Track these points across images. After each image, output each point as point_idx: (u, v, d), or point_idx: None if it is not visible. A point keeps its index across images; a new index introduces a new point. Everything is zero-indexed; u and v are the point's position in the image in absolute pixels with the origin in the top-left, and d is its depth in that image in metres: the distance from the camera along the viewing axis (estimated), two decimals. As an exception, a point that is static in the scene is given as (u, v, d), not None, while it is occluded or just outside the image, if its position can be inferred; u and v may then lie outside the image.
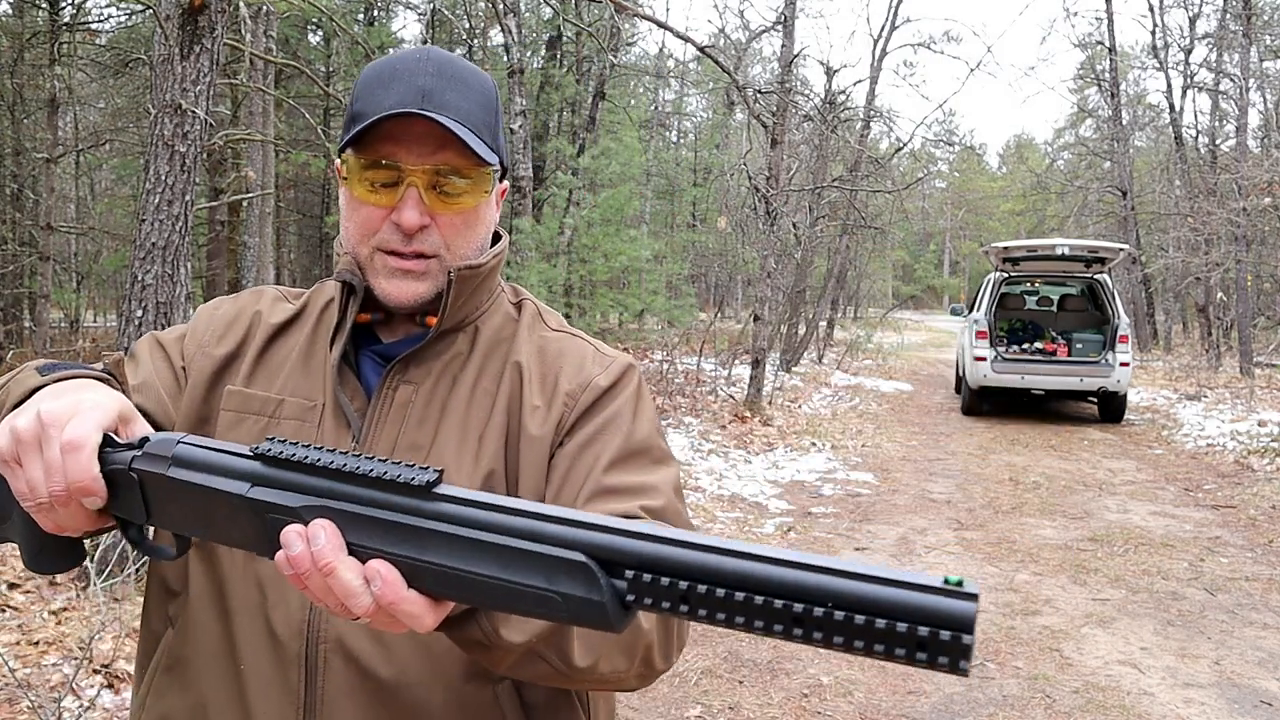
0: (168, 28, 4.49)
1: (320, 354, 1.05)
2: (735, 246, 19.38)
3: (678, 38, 9.46)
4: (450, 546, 0.61)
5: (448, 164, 0.97)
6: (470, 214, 1.01)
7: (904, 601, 0.46)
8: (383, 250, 0.99)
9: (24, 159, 12.04)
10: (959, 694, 3.89)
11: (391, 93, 0.96)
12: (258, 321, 1.10)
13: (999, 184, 52.64)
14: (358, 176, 0.98)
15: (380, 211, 0.98)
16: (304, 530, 0.66)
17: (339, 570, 0.65)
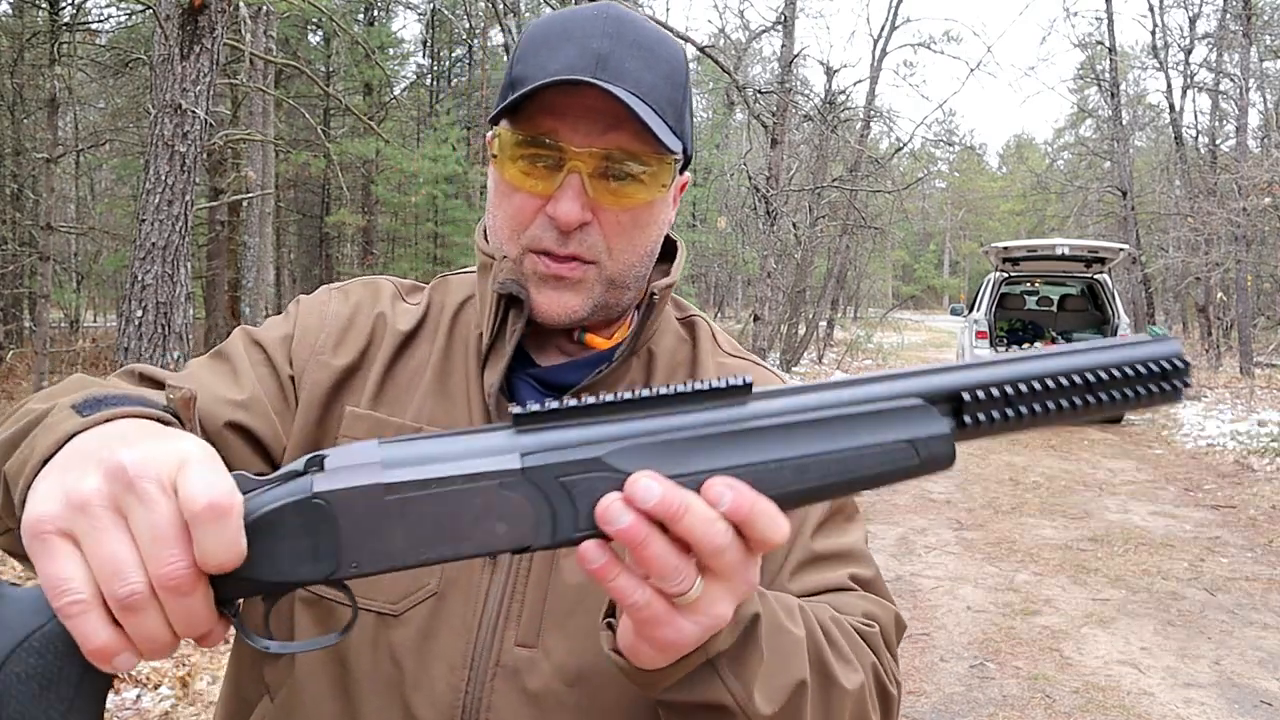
0: (168, 28, 4.50)
1: (459, 374, 0.88)
2: (735, 246, 19.39)
3: (678, 38, 9.46)
4: (787, 437, 0.55)
5: (621, 148, 0.80)
6: (642, 211, 0.84)
7: (1140, 354, 0.59)
8: (533, 250, 0.83)
9: (24, 159, 12.04)
10: (959, 694, 3.89)
11: (559, 55, 0.79)
12: (382, 326, 0.91)
13: (999, 184, 52.67)
14: (510, 154, 0.82)
15: (535, 201, 0.82)
16: (624, 495, 0.52)
17: (692, 507, 0.52)
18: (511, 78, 0.83)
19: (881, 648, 0.81)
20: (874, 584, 0.89)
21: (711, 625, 0.57)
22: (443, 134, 12.37)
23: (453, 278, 0.98)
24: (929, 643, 4.44)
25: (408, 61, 21.20)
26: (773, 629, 0.68)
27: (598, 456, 0.53)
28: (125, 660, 0.50)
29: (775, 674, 0.67)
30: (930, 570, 5.58)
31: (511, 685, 0.78)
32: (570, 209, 0.79)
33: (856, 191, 16.83)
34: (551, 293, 0.83)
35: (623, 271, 0.85)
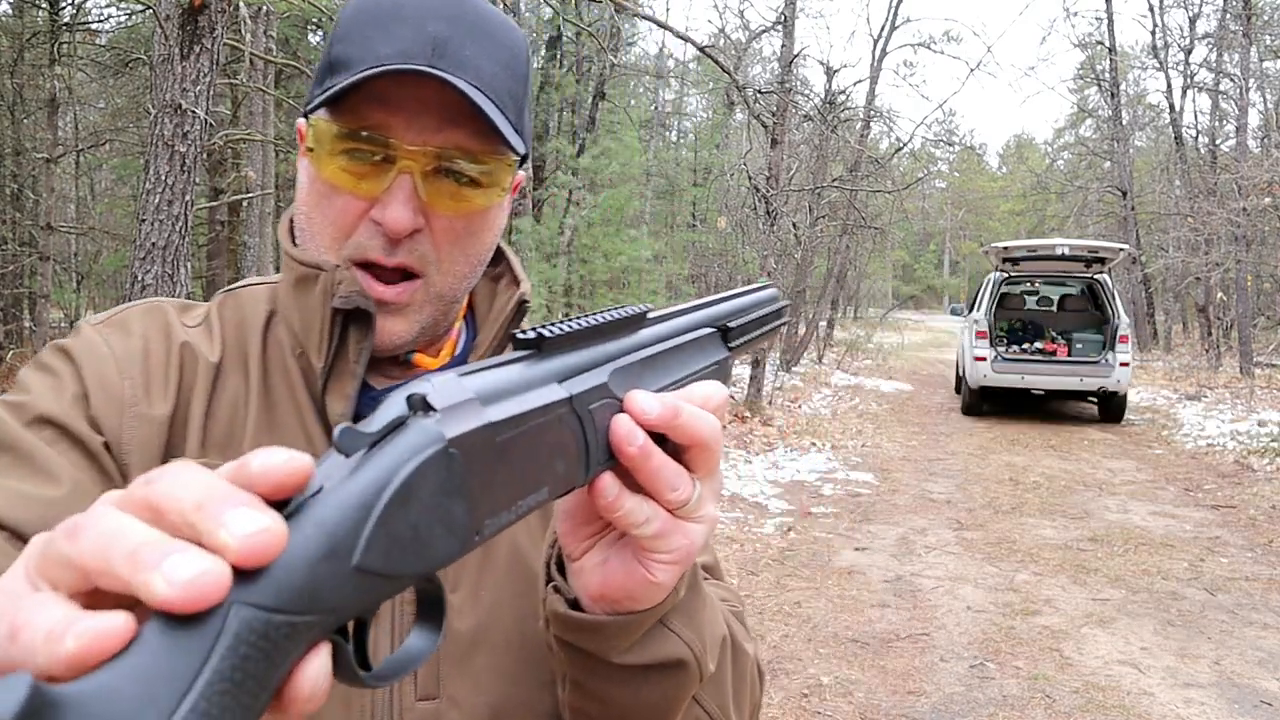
0: (168, 28, 4.50)
1: (286, 405, 0.76)
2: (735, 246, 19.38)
3: (678, 38, 9.47)
4: (681, 357, 0.60)
5: (459, 146, 0.71)
6: (477, 217, 0.75)
7: (766, 294, 0.72)
8: (357, 262, 0.73)
9: (24, 159, 12.04)
10: (959, 694, 3.89)
11: (391, 38, 0.70)
12: (191, 358, 0.76)
13: (999, 184, 52.69)
14: (330, 149, 0.71)
15: (360, 204, 0.72)
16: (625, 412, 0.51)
17: (682, 407, 0.53)
18: (331, 59, 0.72)
19: (748, 627, 0.80)
20: (718, 570, 0.87)
21: (709, 528, 0.57)
22: (443, 134, 12.40)
23: (242, 292, 0.83)
24: (929, 643, 4.44)
25: (408, 61, 21.17)
26: (703, 587, 0.67)
27: (605, 382, 0.51)
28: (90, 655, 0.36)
29: (712, 629, 0.67)
30: (930, 570, 5.58)
31: None
32: (401, 214, 0.70)
33: (856, 191, 16.83)
34: (379, 320, 0.74)
35: (453, 285, 0.76)
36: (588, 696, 0.66)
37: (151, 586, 0.31)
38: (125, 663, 0.30)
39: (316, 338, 0.75)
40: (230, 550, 0.32)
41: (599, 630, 0.60)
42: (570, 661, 0.64)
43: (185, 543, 0.32)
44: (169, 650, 0.31)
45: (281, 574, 0.33)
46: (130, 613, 0.31)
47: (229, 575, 0.32)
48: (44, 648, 0.30)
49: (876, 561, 5.74)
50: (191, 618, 0.31)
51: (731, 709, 0.71)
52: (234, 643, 0.32)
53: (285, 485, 0.35)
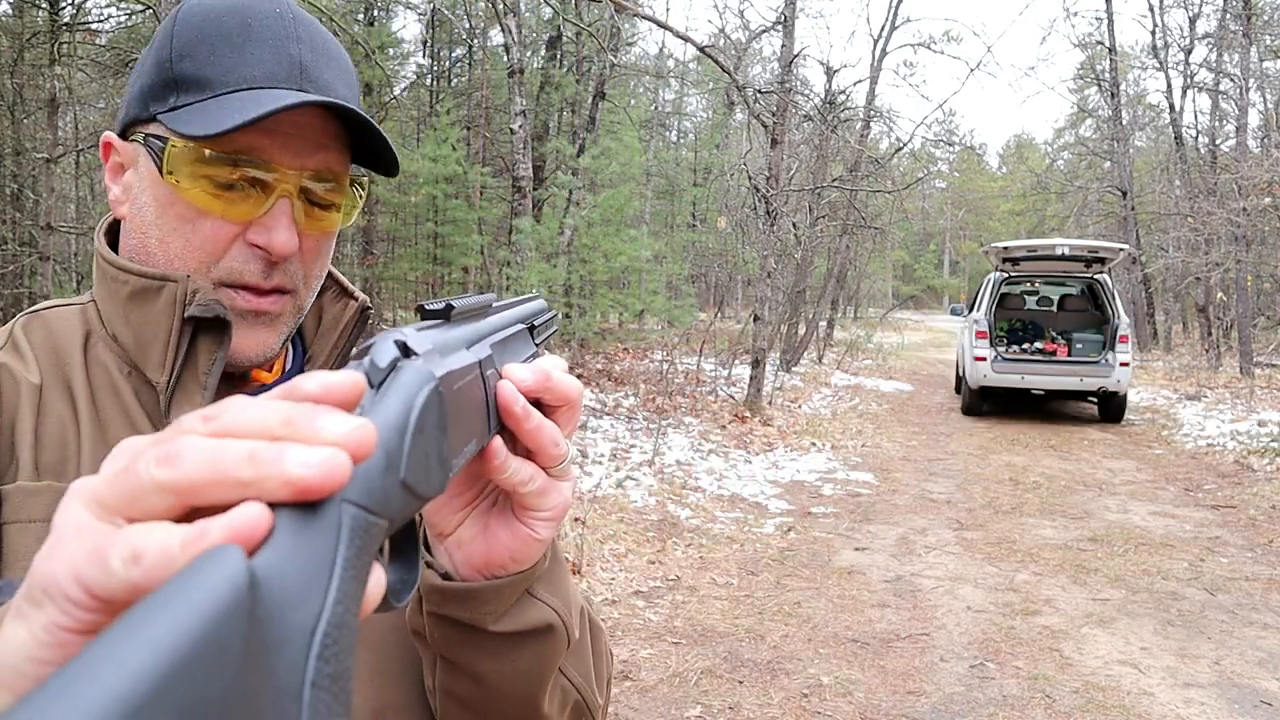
0: (168, 28, 4.50)
1: (118, 424, 0.72)
2: (735, 246, 19.38)
3: (678, 38, 9.47)
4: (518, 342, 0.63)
5: (329, 168, 0.73)
6: (333, 235, 0.78)
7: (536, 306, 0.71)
8: (230, 285, 0.72)
9: (24, 159, 12.04)
10: (959, 694, 3.89)
11: (250, 60, 0.70)
12: (9, 378, 0.72)
13: (999, 184, 52.68)
14: (193, 172, 0.69)
15: (231, 228, 0.71)
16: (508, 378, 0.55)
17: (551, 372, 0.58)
18: (175, 75, 0.71)
19: None
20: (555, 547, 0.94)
21: (572, 486, 0.61)
22: (443, 134, 12.36)
23: (47, 314, 0.80)
24: (929, 643, 4.44)
25: (408, 61, 21.20)
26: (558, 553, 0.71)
27: (491, 354, 0.55)
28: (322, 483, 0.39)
29: (575, 596, 0.70)
30: (930, 570, 5.58)
31: None
32: (288, 238, 0.71)
33: (856, 191, 16.83)
34: (250, 332, 0.73)
35: (308, 299, 0.78)
36: (459, 674, 0.67)
37: (287, 473, 0.31)
38: (272, 551, 0.31)
39: (160, 352, 0.72)
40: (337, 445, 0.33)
41: (475, 596, 0.62)
42: (443, 638, 0.65)
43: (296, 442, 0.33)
44: (307, 539, 0.32)
45: (364, 479, 0.35)
46: None
47: (349, 461, 0.33)
48: (183, 554, 0.30)
49: (876, 561, 5.74)
50: (316, 510, 0.32)
51: (593, 679, 0.75)
52: (350, 535, 0.33)
53: (347, 401, 0.36)
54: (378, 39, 15.65)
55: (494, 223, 15.37)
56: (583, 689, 0.74)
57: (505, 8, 10.99)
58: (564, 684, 0.72)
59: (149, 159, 0.72)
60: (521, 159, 11.16)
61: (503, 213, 14.87)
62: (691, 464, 8.08)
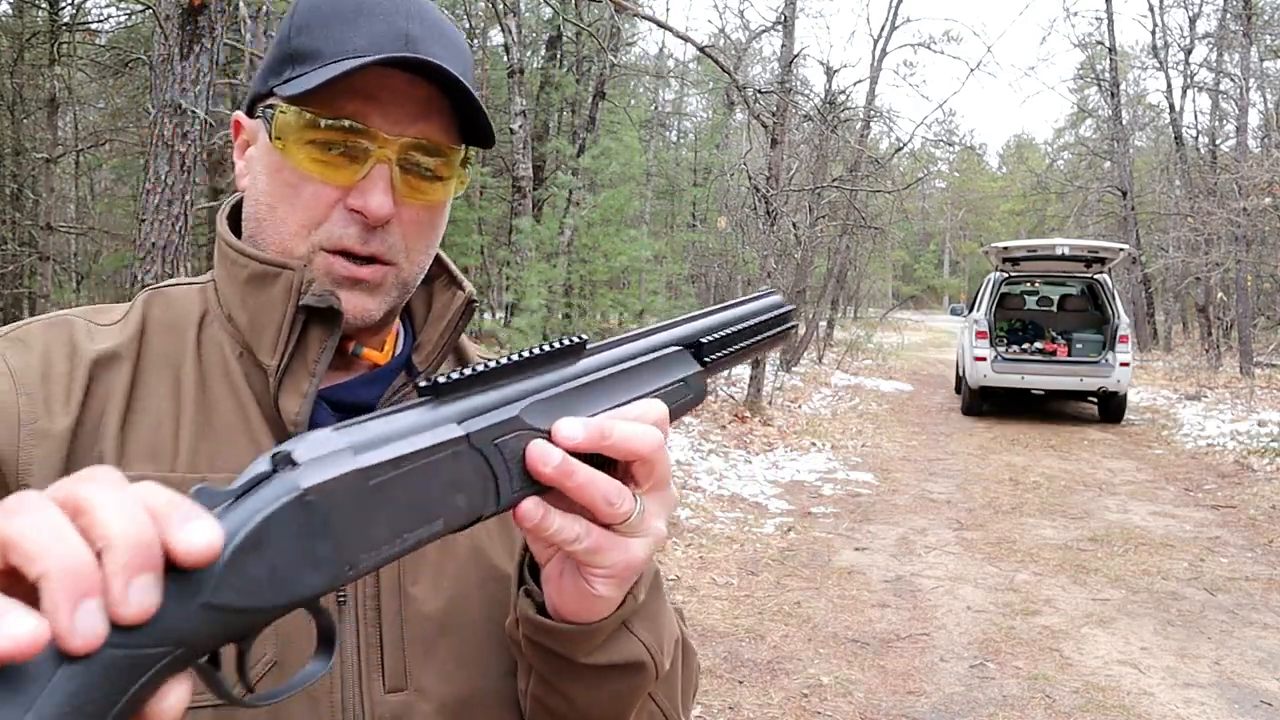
0: (168, 28, 4.50)
1: (227, 405, 0.74)
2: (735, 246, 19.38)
3: (678, 38, 9.47)
4: (626, 382, 0.62)
5: (429, 138, 0.73)
6: (438, 210, 0.78)
7: (766, 303, 0.74)
8: (328, 249, 0.73)
9: (24, 159, 12.04)
10: (959, 694, 3.89)
11: (361, 32, 0.71)
12: (100, 364, 0.73)
13: (999, 184, 52.70)
14: (300, 138, 0.71)
15: (332, 193, 0.72)
16: (547, 440, 0.54)
17: (617, 423, 0.55)
18: (291, 50, 0.73)
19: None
20: None
21: (657, 542, 0.60)
22: (443, 134, 12.38)
23: (171, 290, 0.81)
24: (929, 643, 4.44)
25: (408, 61, 21.16)
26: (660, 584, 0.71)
27: (516, 415, 0.54)
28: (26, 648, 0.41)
29: (669, 629, 0.71)
30: (930, 570, 5.58)
31: None
32: (383, 201, 0.71)
33: (856, 191, 16.83)
34: (351, 295, 0.74)
35: (415, 275, 0.78)
36: (552, 692, 0.70)
37: None
38: None
39: (272, 336, 0.74)
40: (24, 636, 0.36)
41: (563, 636, 0.64)
42: (537, 659, 0.68)
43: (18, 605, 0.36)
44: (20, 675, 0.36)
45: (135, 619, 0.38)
46: None
47: (46, 637, 0.36)
48: None
49: (876, 561, 5.74)
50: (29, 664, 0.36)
51: (680, 704, 0.76)
52: (69, 677, 0.36)
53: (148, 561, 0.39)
54: (378, 39, 15.65)
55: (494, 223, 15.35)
56: (669, 712, 0.75)
57: (505, 8, 10.99)
58: (651, 708, 0.73)
59: (264, 130, 0.74)
60: (521, 159, 11.16)
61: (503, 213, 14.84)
62: (691, 464, 8.08)
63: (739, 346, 0.71)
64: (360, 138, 0.71)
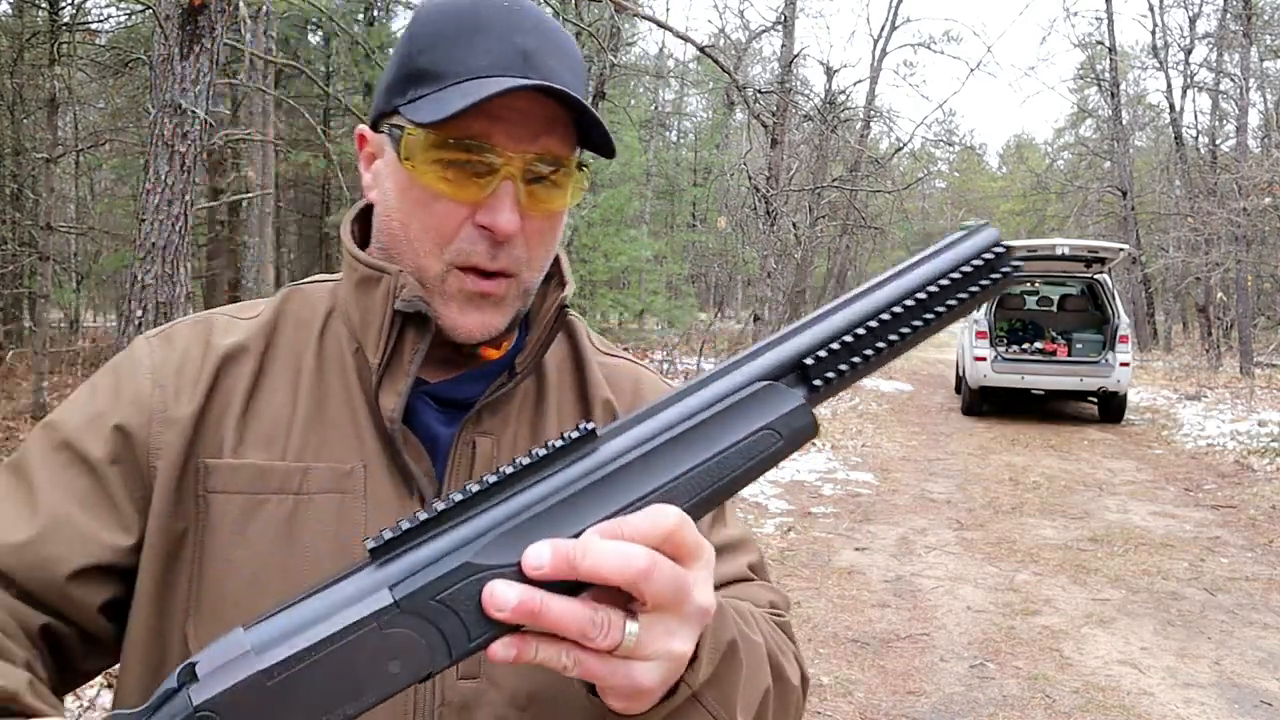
0: (167, 28, 4.50)
1: (338, 399, 0.80)
2: (735, 246, 19.39)
3: (678, 38, 9.46)
4: (648, 468, 0.54)
5: (550, 152, 0.75)
6: (558, 217, 0.80)
7: (960, 255, 0.61)
8: (461, 267, 0.76)
9: (24, 159, 12.03)
10: (959, 694, 3.89)
11: (478, 50, 0.74)
12: (231, 358, 0.81)
13: (999, 184, 52.67)
14: (428, 158, 0.74)
15: (461, 210, 0.75)
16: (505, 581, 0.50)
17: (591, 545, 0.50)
18: (415, 69, 0.76)
19: (793, 635, 0.84)
20: (763, 568, 0.89)
21: (674, 663, 0.55)
22: (443, 134, 12.39)
23: (307, 288, 0.89)
24: (929, 643, 4.44)
25: (408, 61, 21.17)
26: (744, 642, 0.68)
27: (465, 561, 0.51)
28: None
29: (750, 688, 0.68)
30: (930, 570, 5.58)
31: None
32: (511, 219, 0.74)
33: (856, 191, 16.83)
34: (476, 313, 0.77)
35: (535, 281, 0.81)
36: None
37: None
38: None
39: (375, 336, 0.79)
40: None
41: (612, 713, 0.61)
42: None
43: None
44: None
45: None
46: None
47: None
48: None
49: (876, 561, 5.74)
50: None
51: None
52: None
53: None
54: (378, 39, 15.65)
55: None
56: None
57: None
58: None
59: (391, 147, 0.78)
60: (521, 159, 11.17)
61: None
62: (691, 464, 8.08)
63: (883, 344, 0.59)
64: (486, 156, 0.74)
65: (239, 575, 0.75)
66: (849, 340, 0.58)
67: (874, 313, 0.59)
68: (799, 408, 0.57)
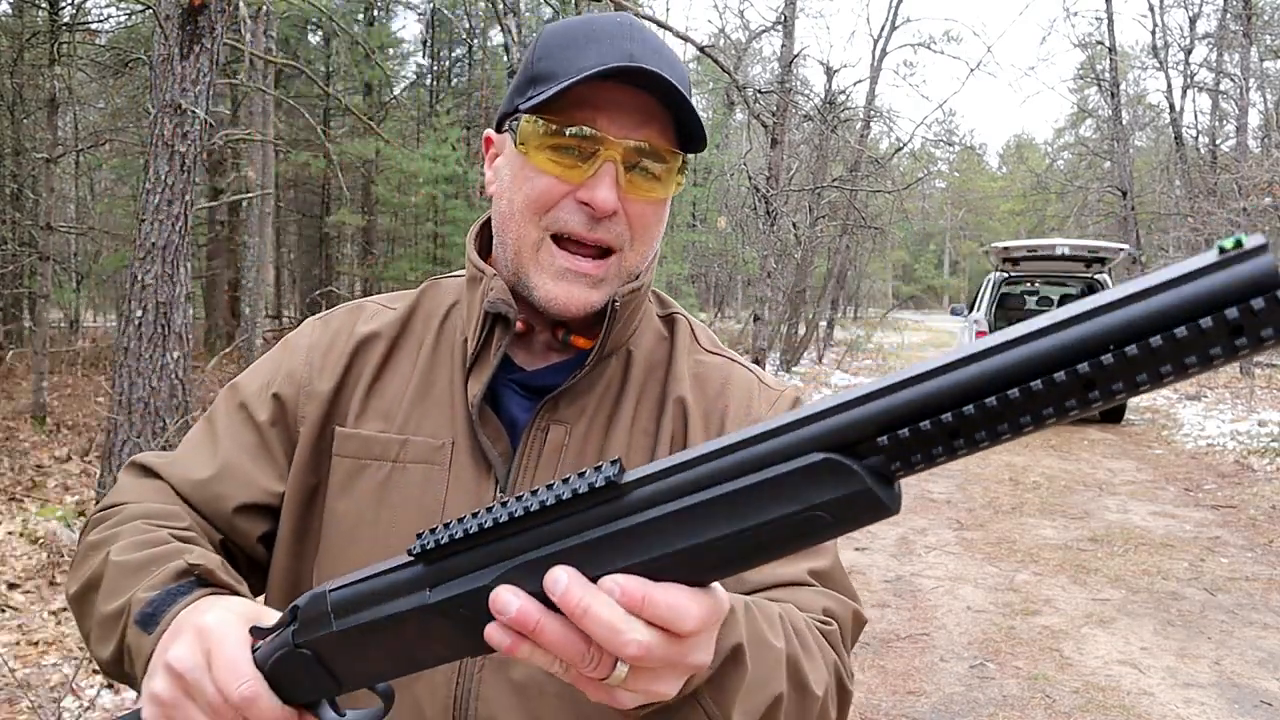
0: (168, 28, 4.50)
1: (444, 381, 0.91)
2: (735, 246, 19.38)
3: (678, 37, 9.46)
4: (678, 526, 0.50)
5: (650, 142, 0.83)
6: (660, 207, 0.87)
7: (1191, 296, 0.38)
8: (557, 235, 0.85)
9: (24, 159, 12.03)
10: (959, 694, 3.89)
11: (589, 54, 0.82)
12: (366, 343, 0.95)
13: (999, 184, 52.68)
14: (540, 143, 0.83)
15: (564, 186, 0.83)
16: (515, 588, 0.53)
17: (594, 605, 0.51)
18: (534, 74, 0.85)
19: (840, 645, 0.83)
20: (830, 576, 0.88)
21: (653, 698, 0.57)
22: (443, 134, 12.37)
23: (444, 281, 1.01)
24: (929, 643, 4.44)
25: (408, 61, 21.21)
26: (756, 646, 0.68)
27: (483, 585, 0.55)
28: None
29: (755, 692, 0.69)
30: (930, 570, 5.58)
31: (498, 676, 0.84)
32: (608, 195, 0.81)
33: (856, 191, 16.83)
34: (571, 287, 0.85)
35: (638, 264, 0.88)
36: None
37: None
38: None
39: (473, 328, 0.90)
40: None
41: None
42: None
43: None
44: None
45: None
46: None
47: None
48: None
49: (876, 561, 5.74)
50: None
51: None
52: None
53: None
54: (378, 39, 15.65)
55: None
56: None
57: (505, 8, 10.98)
58: None
59: (510, 139, 0.87)
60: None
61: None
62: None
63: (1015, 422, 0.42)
64: (590, 142, 0.82)
65: (340, 527, 0.89)
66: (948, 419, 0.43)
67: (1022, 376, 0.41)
68: (859, 493, 0.46)
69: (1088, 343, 0.40)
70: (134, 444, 4.50)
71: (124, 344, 4.65)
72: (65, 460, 7.42)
